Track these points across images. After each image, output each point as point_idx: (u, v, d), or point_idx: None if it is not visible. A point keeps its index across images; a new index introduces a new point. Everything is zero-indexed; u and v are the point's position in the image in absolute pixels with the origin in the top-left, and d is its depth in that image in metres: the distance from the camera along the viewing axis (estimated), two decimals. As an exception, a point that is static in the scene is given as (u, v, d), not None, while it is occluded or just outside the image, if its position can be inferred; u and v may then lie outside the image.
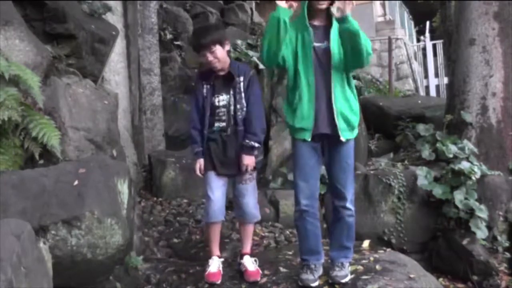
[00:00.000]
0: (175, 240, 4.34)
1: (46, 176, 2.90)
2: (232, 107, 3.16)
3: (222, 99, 3.17)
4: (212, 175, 3.19)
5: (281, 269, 3.30)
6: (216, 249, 3.28)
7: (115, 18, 5.47)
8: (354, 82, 3.13)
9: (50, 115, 3.63)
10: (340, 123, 2.90)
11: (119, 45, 5.47)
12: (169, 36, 7.83)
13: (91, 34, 4.68)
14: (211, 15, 8.99)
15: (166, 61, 7.25)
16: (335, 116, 2.89)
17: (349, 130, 2.95)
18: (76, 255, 2.72)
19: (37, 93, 3.46)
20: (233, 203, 3.46)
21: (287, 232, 4.52)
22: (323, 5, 2.89)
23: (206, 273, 3.18)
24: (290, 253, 3.62)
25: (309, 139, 2.92)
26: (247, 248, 3.33)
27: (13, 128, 3.35)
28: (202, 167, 3.19)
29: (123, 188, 3.12)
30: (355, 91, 3.04)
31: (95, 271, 2.90)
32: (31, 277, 2.12)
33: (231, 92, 3.16)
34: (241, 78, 3.17)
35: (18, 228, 2.17)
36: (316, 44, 2.92)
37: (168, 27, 7.97)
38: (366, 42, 2.83)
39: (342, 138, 2.90)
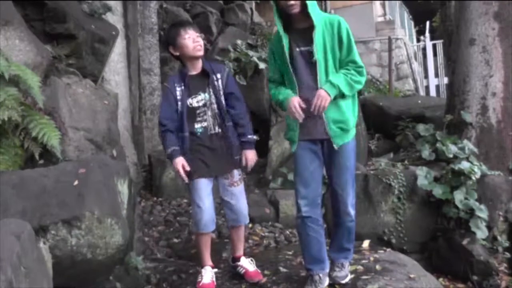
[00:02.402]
0: (175, 240, 4.35)
1: (46, 176, 2.90)
2: (215, 105, 3.06)
3: (200, 99, 3.05)
4: (200, 182, 3.03)
5: (281, 269, 3.30)
6: (208, 259, 3.16)
7: (115, 18, 5.47)
8: None
9: (50, 115, 3.63)
10: (331, 131, 2.82)
11: (119, 45, 5.47)
12: (169, 36, 7.80)
13: (91, 34, 4.68)
14: (211, 15, 8.97)
15: (166, 61, 7.23)
16: (325, 122, 2.82)
17: (343, 135, 2.85)
18: (76, 255, 2.72)
19: (37, 93, 3.46)
20: (223, 207, 3.30)
21: (287, 232, 4.53)
22: (296, 9, 2.75)
23: (200, 284, 3.05)
24: (290, 253, 3.62)
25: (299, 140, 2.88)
26: (241, 250, 3.27)
27: (13, 128, 3.35)
28: (185, 164, 2.96)
29: (123, 188, 3.12)
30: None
31: (95, 271, 2.90)
32: (31, 277, 2.11)
33: (211, 90, 3.06)
34: (218, 76, 3.10)
35: (18, 228, 2.17)
36: (302, 48, 2.83)
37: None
38: (357, 83, 2.79)
39: (335, 146, 2.83)
